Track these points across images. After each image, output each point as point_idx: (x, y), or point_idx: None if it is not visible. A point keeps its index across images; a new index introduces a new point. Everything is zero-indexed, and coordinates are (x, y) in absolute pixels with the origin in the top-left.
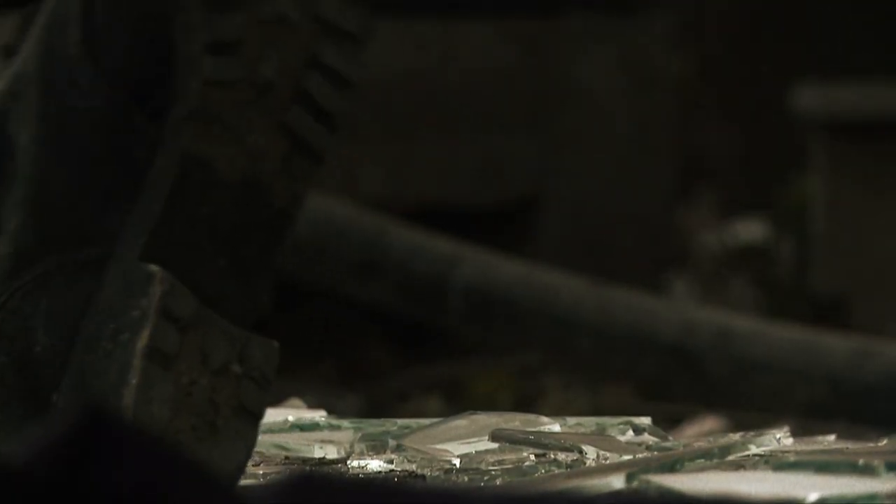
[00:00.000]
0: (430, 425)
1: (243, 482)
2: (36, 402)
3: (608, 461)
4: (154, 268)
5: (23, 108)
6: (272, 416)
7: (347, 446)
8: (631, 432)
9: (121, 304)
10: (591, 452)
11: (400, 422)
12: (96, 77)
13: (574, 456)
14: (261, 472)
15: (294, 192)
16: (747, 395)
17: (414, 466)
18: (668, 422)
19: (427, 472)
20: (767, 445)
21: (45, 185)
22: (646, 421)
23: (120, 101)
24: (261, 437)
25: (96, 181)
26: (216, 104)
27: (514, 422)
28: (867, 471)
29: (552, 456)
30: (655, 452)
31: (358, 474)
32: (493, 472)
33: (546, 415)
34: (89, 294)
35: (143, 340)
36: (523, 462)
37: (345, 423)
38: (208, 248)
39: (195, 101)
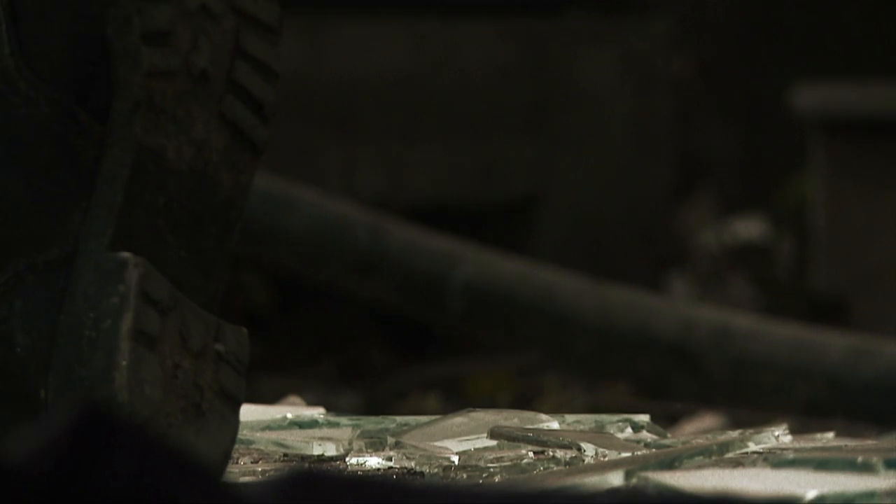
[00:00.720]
0: (429, 422)
1: (242, 479)
2: (24, 401)
3: (607, 458)
4: (126, 254)
5: None
6: (271, 413)
7: (346, 443)
8: (629, 430)
9: (97, 294)
10: (589, 450)
11: (399, 419)
12: (35, 82)
13: (573, 453)
14: (260, 468)
15: (238, 183)
16: (746, 392)
17: (412, 463)
18: (666, 419)
19: (426, 469)
20: (766, 443)
21: (0, 193)
22: (644, 418)
23: (62, 102)
24: (259, 434)
25: (50, 183)
26: (160, 95)
27: (513, 419)
28: (865, 468)
29: (551, 453)
30: (654, 450)
31: (357, 471)
32: (492, 469)
33: (545, 413)
34: (62, 290)
35: (126, 323)
36: (522, 459)
37: (343, 420)
38: (170, 239)
39: (140, 92)
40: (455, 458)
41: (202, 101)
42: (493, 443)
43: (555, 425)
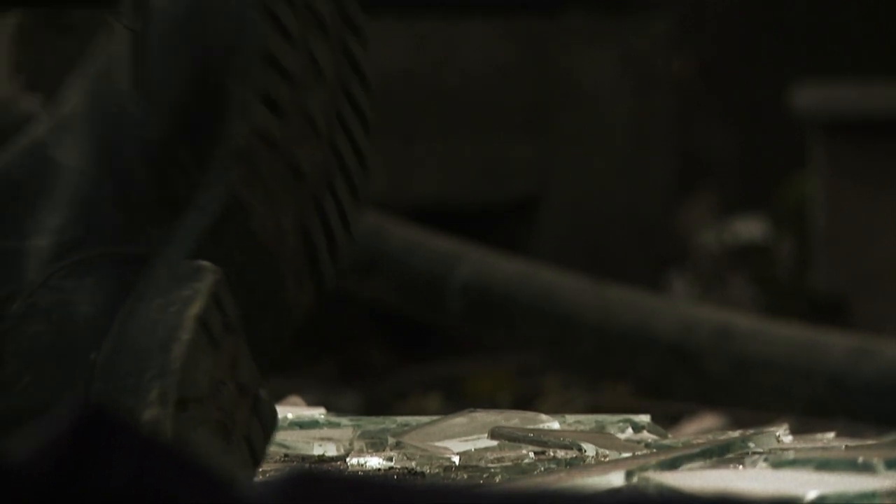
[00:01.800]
0: (430, 423)
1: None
2: (73, 360)
3: (607, 459)
4: (205, 262)
5: (71, 138)
6: None
7: (347, 444)
8: (630, 430)
9: (169, 287)
10: (590, 450)
11: (399, 419)
12: (149, 110)
13: (573, 453)
14: (260, 469)
15: (298, 301)
16: (746, 392)
17: (413, 464)
18: (667, 419)
19: (426, 469)
20: (767, 443)
21: (90, 191)
22: (645, 418)
23: (169, 135)
24: None
25: (140, 198)
26: (259, 157)
27: (514, 419)
28: (866, 468)
29: (551, 453)
30: (655, 450)
31: (357, 472)
32: (493, 470)
33: (545, 413)
34: (133, 282)
35: (194, 309)
36: (523, 459)
37: (344, 420)
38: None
39: (243, 144)
40: (456, 459)
41: (292, 195)
42: (494, 443)
43: (555, 425)
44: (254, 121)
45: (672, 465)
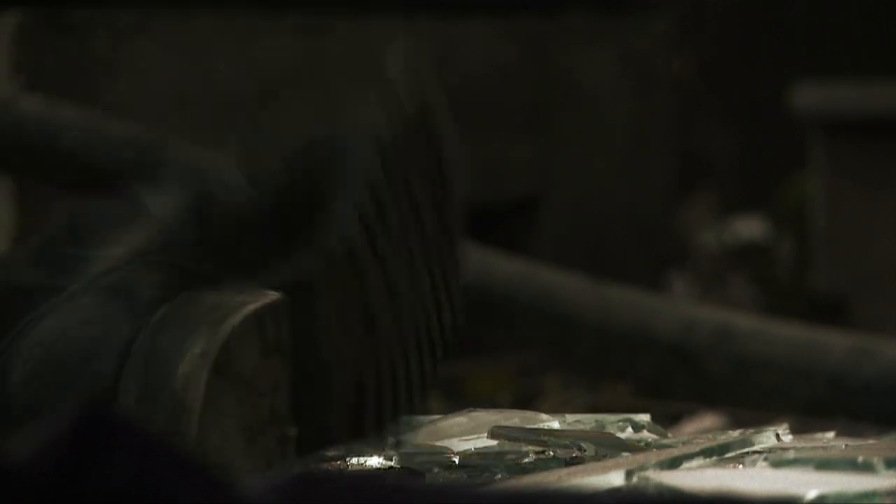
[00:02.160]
0: (430, 422)
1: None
2: (122, 323)
3: (607, 458)
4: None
5: (166, 195)
6: None
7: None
8: (630, 429)
9: (232, 292)
10: (590, 450)
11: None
12: (249, 187)
13: (573, 453)
14: None
15: (339, 425)
16: (746, 392)
17: (413, 464)
18: (667, 419)
19: (426, 468)
20: (766, 442)
21: (175, 227)
22: (645, 418)
23: (263, 214)
24: None
25: (220, 249)
26: (342, 272)
27: (514, 419)
28: (866, 468)
29: (551, 453)
30: (655, 450)
31: (357, 471)
32: (493, 470)
33: (545, 412)
34: (198, 290)
35: (252, 307)
36: (522, 459)
37: None
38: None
39: (331, 249)
40: (456, 459)
41: (359, 342)
42: (494, 443)
43: (555, 425)
44: (347, 233)
45: (672, 464)
